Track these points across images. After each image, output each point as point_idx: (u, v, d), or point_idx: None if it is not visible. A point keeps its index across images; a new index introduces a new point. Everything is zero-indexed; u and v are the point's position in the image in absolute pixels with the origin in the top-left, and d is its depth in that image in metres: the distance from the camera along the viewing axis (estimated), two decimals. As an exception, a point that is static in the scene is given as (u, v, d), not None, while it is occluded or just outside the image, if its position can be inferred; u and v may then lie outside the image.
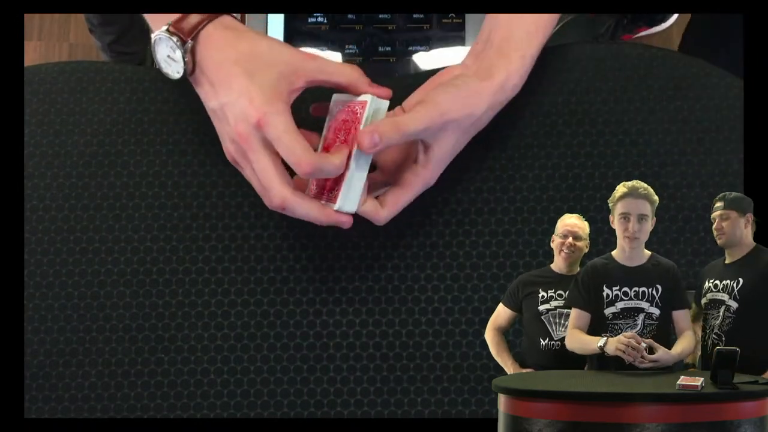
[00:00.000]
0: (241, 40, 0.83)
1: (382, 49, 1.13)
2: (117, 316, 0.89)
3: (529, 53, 0.88)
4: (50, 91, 0.95)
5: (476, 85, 0.85)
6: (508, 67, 0.86)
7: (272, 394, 0.87)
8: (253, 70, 0.81)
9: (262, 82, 0.80)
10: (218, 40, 0.83)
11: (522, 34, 0.88)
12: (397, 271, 0.90)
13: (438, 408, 0.86)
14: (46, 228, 0.91)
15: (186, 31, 0.82)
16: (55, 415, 0.87)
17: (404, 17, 1.14)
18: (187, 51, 0.82)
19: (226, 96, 0.81)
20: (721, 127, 0.92)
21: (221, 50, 0.82)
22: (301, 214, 0.80)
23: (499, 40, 0.88)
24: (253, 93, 0.79)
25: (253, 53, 0.82)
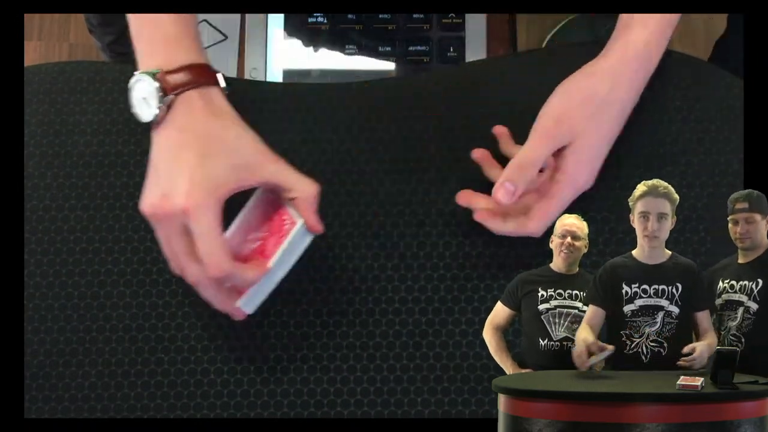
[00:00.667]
0: (214, 118, 0.82)
1: (382, 49, 1.13)
2: (117, 316, 0.89)
3: (653, 21, 0.86)
4: (50, 91, 0.95)
5: (589, 68, 0.85)
6: (627, 38, 0.86)
7: (272, 394, 0.87)
8: (209, 153, 0.80)
9: (210, 169, 0.80)
10: (195, 108, 0.82)
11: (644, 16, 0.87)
12: (397, 271, 0.90)
13: (438, 408, 0.86)
14: (46, 228, 0.91)
15: (171, 86, 0.82)
16: (55, 415, 0.87)
17: (404, 17, 1.14)
18: (165, 104, 0.82)
19: (173, 163, 0.80)
20: (721, 127, 0.92)
21: (192, 119, 0.82)
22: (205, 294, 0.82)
23: (625, 17, 0.88)
24: (195, 177, 0.79)
25: (218, 136, 0.81)
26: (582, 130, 0.83)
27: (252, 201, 0.85)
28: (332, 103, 0.95)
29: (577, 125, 0.82)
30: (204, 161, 0.79)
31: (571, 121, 0.82)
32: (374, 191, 0.92)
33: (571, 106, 0.83)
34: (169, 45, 0.84)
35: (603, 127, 0.84)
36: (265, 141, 0.93)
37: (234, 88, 0.95)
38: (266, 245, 0.85)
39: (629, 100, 0.86)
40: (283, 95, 0.95)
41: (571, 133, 0.83)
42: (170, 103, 0.82)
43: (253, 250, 0.84)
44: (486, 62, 0.97)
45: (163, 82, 0.82)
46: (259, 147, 0.83)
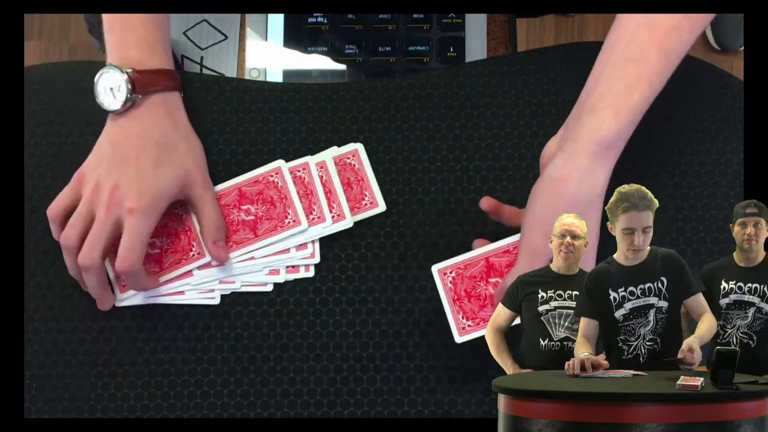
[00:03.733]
0: (172, 128, 0.88)
1: (382, 49, 1.13)
2: (117, 317, 0.89)
3: (626, 107, 0.80)
4: (50, 91, 0.95)
5: (561, 170, 0.81)
6: (599, 125, 0.80)
7: (272, 394, 0.87)
8: (161, 163, 0.86)
9: (161, 179, 0.85)
10: (156, 113, 0.88)
11: (620, 87, 0.81)
12: (397, 272, 0.90)
13: (438, 408, 0.86)
14: (46, 228, 0.90)
15: (140, 85, 0.86)
16: (55, 415, 0.87)
17: (404, 17, 1.14)
18: (131, 101, 0.86)
19: (127, 162, 0.85)
20: (721, 127, 0.92)
21: (152, 124, 0.87)
22: (89, 284, 0.86)
23: (593, 98, 0.82)
24: (147, 183, 0.84)
25: (173, 147, 0.87)
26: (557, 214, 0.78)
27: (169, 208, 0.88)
28: (332, 103, 0.95)
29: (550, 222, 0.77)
30: (156, 171, 0.85)
31: (541, 231, 0.80)
32: (374, 191, 0.92)
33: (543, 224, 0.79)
34: (142, 48, 0.88)
35: (591, 221, 0.81)
36: (265, 141, 0.93)
37: (233, 87, 0.95)
38: (162, 258, 0.88)
39: (605, 182, 0.81)
40: (283, 95, 0.95)
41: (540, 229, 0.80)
42: (135, 100, 0.87)
43: (148, 253, 0.87)
44: (486, 62, 0.97)
45: (134, 79, 0.86)
46: (198, 164, 0.89)
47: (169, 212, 0.88)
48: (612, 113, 0.80)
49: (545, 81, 0.94)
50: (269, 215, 0.89)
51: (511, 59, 0.97)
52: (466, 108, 0.94)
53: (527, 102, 0.94)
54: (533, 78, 0.94)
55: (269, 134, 0.94)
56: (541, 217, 0.81)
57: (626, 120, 0.81)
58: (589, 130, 0.81)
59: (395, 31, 1.14)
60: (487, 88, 0.94)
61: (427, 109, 0.94)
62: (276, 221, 0.88)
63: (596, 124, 0.81)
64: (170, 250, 0.88)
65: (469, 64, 1.00)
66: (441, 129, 0.94)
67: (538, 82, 0.94)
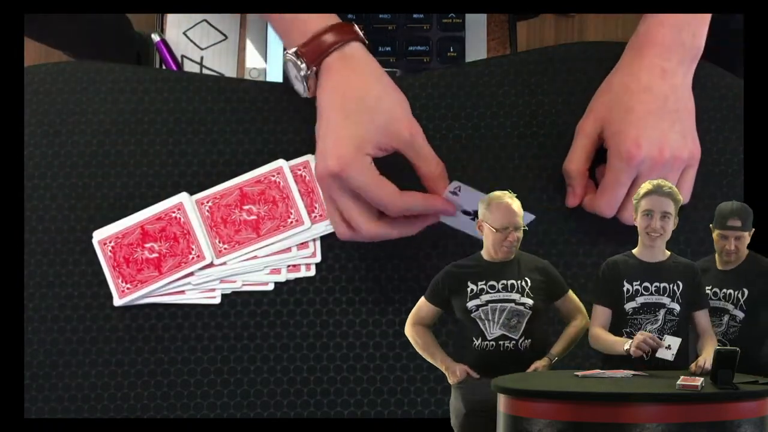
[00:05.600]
0: (355, 77, 0.84)
1: (382, 49, 1.13)
2: (117, 316, 0.89)
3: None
4: (50, 91, 0.95)
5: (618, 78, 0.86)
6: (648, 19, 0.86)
7: (272, 394, 0.87)
8: (350, 112, 0.82)
9: (353, 128, 0.81)
10: (335, 74, 0.84)
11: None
12: (397, 272, 0.90)
13: (438, 408, 0.86)
14: (46, 228, 0.91)
15: (310, 57, 0.84)
16: (55, 415, 0.87)
17: (404, 17, 1.14)
18: (310, 77, 0.84)
19: (324, 126, 0.83)
20: (721, 127, 0.92)
21: (335, 82, 0.83)
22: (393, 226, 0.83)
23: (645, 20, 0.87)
24: (341, 136, 0.80)
25: (358, 97, 0.82)
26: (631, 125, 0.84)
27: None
28: (332, 103, 0.95)
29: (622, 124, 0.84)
30: (346, 121, 0.81)
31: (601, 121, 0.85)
32: (374, 191, 0.92)
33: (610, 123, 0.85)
34: (296, 19, 0.85)
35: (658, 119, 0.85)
36: (265, 141, 0.93)
37: (233, 87, 0.95)
38: (162, 262, 0.88)
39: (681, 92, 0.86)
40: (283, 95, 0.95)
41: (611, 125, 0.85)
42: (315, 72, 0.84)
43: (147, 258, 0.88)
44: (486, 62, 0.97)
45: (303, 54, 0.84)
46: (396, 113, 0.83)
47: (168, 216, 0.88)
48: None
49: (545, 81, 0.94)
50: (272, 215, 0.89)
51: (511, 59, 0.97)
52: (466, 108, 0.94)
53: (527, 102, 0.93)
54: (533, 78, 0.94)
55: (269, 134, 0.94)
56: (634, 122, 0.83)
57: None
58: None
59: (395, 31, 1.14)
60: (487, 88, 0.94)
61: (427, 109, 0.94)
62: (279, 221, 0.89)
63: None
64: (169, 254, 0.88)
65: (469, 64, 1.00)
66: (441, 129, 0.93)
67: (538, 82, 0.94)
